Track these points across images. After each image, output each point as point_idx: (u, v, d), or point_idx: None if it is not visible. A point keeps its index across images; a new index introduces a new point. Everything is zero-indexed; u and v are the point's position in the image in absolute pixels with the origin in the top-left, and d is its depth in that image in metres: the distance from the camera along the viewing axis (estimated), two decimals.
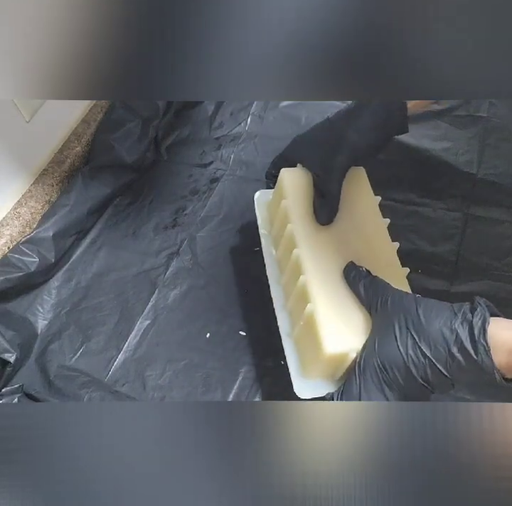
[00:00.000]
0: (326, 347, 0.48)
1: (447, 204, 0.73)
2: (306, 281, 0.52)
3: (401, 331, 0.45)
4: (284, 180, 0.58)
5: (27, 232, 0.70)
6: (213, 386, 0.61)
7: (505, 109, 0.80)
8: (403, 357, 0.44)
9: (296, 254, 0.54)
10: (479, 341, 0.40)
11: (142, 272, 0.71)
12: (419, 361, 0.43)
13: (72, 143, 0.78)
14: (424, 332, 0.44)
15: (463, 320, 0.42)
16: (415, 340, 0.44)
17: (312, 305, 0.50)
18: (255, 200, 0.64)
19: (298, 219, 0.56)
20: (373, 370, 0.46)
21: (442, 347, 0.42)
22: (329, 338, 0.48)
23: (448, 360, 0.42)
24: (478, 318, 0.42)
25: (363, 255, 0.54)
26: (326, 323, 0.49)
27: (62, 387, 0.61)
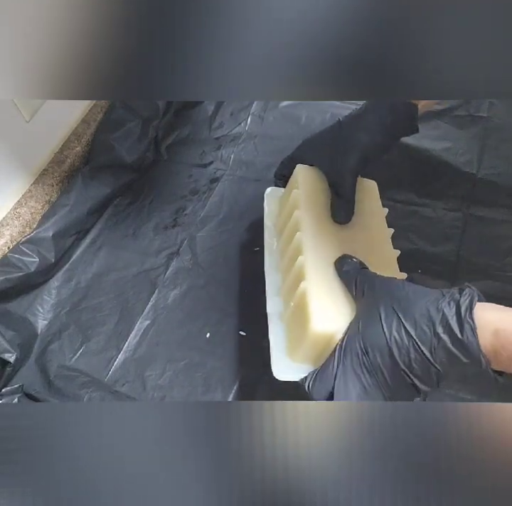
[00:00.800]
0: (314, 324, 0.48)
1: (447, 204, 0.73)
2: (303, 261, 0.52)
3: (387, 312, 0.43)
4: (298, 174, 0.60)
5: (27, 232, 0.70)
6: (213, 386, 0.61)
7: (505, 109, 0.80)
8: (386, 338, 0.42)
9: (298, 238, 0.54)
10: (465, 319, 0.39)
11: (142, 272, 0.71)
12: (403, 343, 0.42)
13: (72, 143, 0.78)
14: (410, 311, 0.42)
15: (450, 299, 0.41)
16: (400, 320, 0.42)
17: (306, 282, 0.50)
18: (265, 195, 0.65)
19: (306, 207, 0.57)
20: (354, 352, 0.44)
21: (428, 327, 0.41)
22: (318, 315, 0.48)
23: (433, 342, 0.40)
24: (466, 297, 0.41)
25: (363, 255, 0.54)
26: (317, 301, 0.49)
27: (62, 387, 0.61)
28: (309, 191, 0.58)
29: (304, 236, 0.54)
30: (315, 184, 0.59)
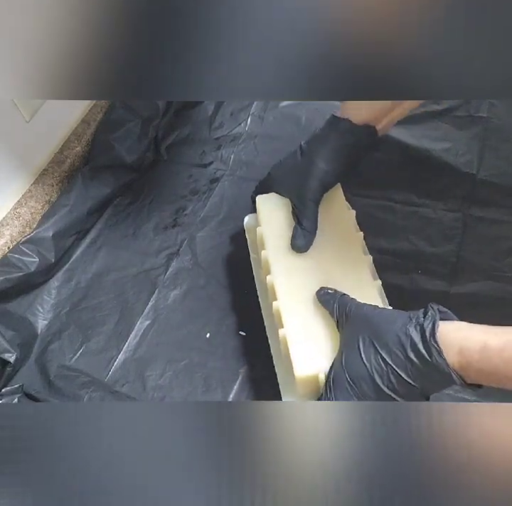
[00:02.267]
0: (297, 370, 0.50)
1: (447, 204, 0.73)
2: (278, 306, 0.54)
3: (364, 342, 0.46)
4: (259, 207, 0.61)
5: (27, 232, 0.70)
6: (213, 386, 0.61)
7: (505, 110, 0.80)
8: (367, 367, 0.45)
9: (270, 280, 0.56)
10: (430, 343, 0.41)
11: (142, 272, 0.71)
12: (382, 370, 0.44)
13: (72, 143, 0.78)
14: (384, 339, 0.44)
15: (416, 323, 0.43)
16: (377, 349, 0.45)
17: (284, 330, 0.52)
18: (244, 224, 0.66)
19: (272, 245, 0.58)
20: (342, 385, 0.46)
21: (400, 353, 0.43)
22: (299, 361, 0.50)
23: (407, 365, 0.43)
24: (429, 321, 0.43)
25: (335, 273, 0.55)
26: (296, 347, 0.51)
27: (62, 387, 0.61)
28: (271, 225, 0.59)
29: (274, 278, 0.55)
30: (276, 214, 0.60)
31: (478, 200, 0.72)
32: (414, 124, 0.79)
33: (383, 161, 0.77)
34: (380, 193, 0.67)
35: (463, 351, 0.40)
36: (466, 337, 0.41)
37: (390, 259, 0.68)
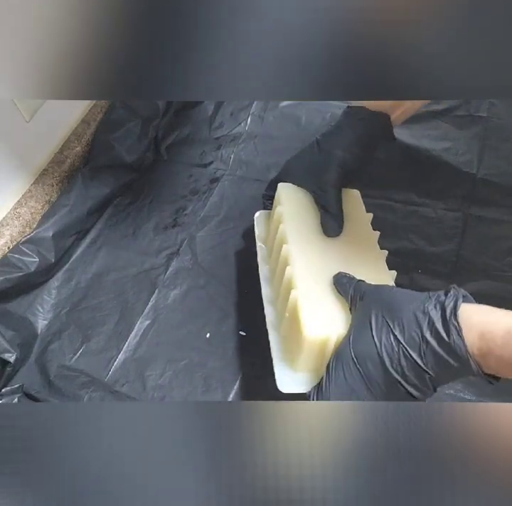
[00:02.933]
0: (307, 330, 0.48)
1: (447, 204, 0.73)
2: (292, 271, 0.53)
3: (377, 320, 0.43)
4: (281, 192, 0.61)
5: (27, 232, 0.70)
6: (213, 386, 0.61)
7: (505, 109, 0.80)
8: (377, 346, 0.42)
9: (285, 250, 0.55)
10: (451, 321, 0.39)
11: (142, 272, 0.71)
12: (393, 350, 0.41)
13: (72, 143, 0.78)
14: (399, 317, 0.42)
15: (436, 302, 0.41)
16: (390, 328, 0.42)
17: (296, 291, 0.51)
18: (255, 218, 0.66)
19: (290, 221, 0.58)
20: (347, 363, 0.44)
21: (415, 332, 0.41)
22: (310, 321, 0.48)
23: (422, 346, 0.40)
24: (451, 299, 0.40)
25: (352, 261, 0.55)
26: (308, 308, 0.50)
27: (62, 387, 0.61)
28: (292, 206, 0.59)
29: (291, 248, 0.55)
30: (298, 200, 0.60)
31: (478, 199, 0.72)
32: (414, 123, 0.79)
33: (383, 161, 0.77)
34: (380, 193, 0.67)
35: (485, 335, 0.38)
36: (490, 321, 0.38)
37: (390, 259, 0.67)
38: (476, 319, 0.39)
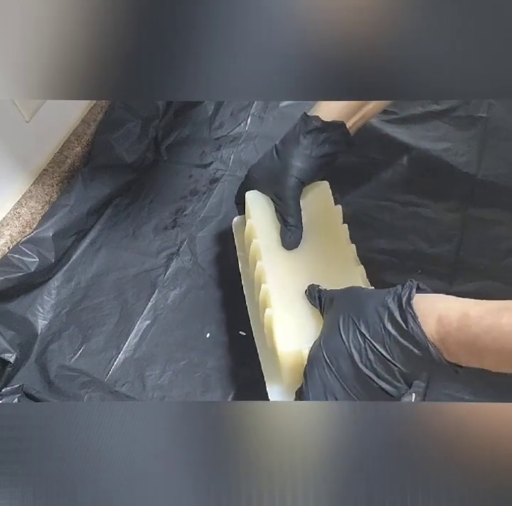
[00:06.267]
0: (280, 346, 0.50)
1: (447, 205, 0.73)
2: (267, 290, 0.54)
3: (344, 320, 0.45)
4: (248, 202, 0.62)
5: (27, 232, 0.70)
6: (213, 387, 0.61)
7: (505, 109, 0.80)
8: (345, 344, 0.44)
9: (259, 267, 0.56)
10: (406, 310, 0.41)
11: (142, 272, 0.71)
12: (360, 346, 0.43)
13: (72, 143, 0.78)
14: (363, 314, 0.44)
15: (394, 295, 0.43)
16: (356, 325, 0.44)
17: (270, 310, 0.53)
18: (233, 225, 0.67)
19: (260, 235, 0.58)
20: (320, 364, 0.45)
21: (378, 325, 0.42)
22: (283, 337, 0.50)
23: (385, 338, 0.42)
24: (406, 290, 0.42)
25: (323, 265, 0.56)
26: (281, 324, 0.51)
27: (62, 387, 0.61)
28: (261, 218, 0.60)
29: (264, 265, 0.56)
30: (265, 210, 0.61)
31: (478, 200, 0.72)
32: (414, 123, 0.79)
33: (383, 161, 0.77)
34: (380, 193, 0.67)
35: (441, 319, 0.40)
36: (445, 306, 0.40)
37: (390, 259, 0.68)
38: (432, 305, 0.41)
